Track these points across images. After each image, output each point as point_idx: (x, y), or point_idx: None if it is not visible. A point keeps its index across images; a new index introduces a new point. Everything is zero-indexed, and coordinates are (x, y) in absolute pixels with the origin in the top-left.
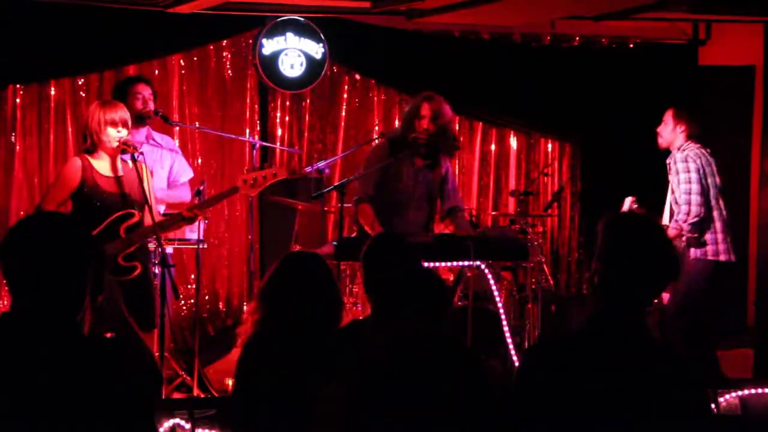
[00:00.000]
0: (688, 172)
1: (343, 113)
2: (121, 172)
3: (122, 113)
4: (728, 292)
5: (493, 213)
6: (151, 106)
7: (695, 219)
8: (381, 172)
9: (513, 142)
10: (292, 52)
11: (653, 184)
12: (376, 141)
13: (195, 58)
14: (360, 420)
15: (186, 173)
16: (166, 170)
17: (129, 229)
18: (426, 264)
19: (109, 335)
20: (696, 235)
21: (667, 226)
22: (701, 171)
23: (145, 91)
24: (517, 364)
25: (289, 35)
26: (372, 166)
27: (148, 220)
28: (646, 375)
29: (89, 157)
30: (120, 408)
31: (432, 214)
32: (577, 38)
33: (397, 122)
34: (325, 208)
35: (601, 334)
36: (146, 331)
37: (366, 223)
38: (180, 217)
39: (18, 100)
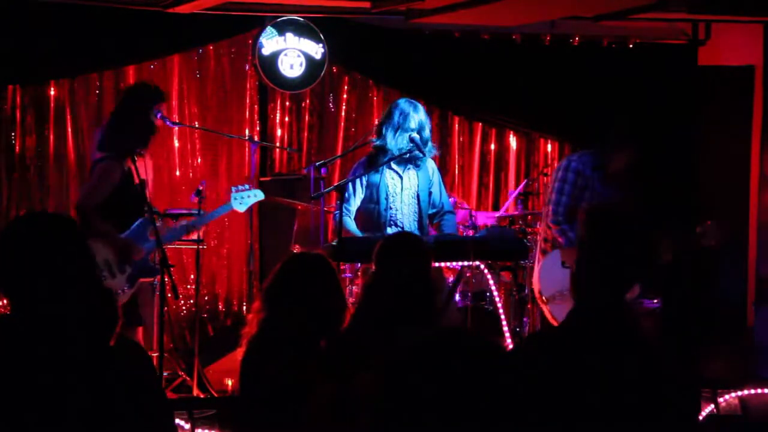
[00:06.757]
0: None
1: (343, 113)
2: (144, 175)
3: None
4: (728, 291)
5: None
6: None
7: None
8: (367, 185)
9: (513, 142)
10: (292, 53)
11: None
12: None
13: (195, 58)
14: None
15: None
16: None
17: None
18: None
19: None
20: None
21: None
22: None
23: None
24: None
25: (289, 35)
26: (350, 178)
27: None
28: (628, 370)
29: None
30: (124, 403)
31: (423, 218)
32: (577, 38)
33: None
34: (325, 209)
35: (583, 329)
36: (129, 325)
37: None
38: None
39: (18, 100)
